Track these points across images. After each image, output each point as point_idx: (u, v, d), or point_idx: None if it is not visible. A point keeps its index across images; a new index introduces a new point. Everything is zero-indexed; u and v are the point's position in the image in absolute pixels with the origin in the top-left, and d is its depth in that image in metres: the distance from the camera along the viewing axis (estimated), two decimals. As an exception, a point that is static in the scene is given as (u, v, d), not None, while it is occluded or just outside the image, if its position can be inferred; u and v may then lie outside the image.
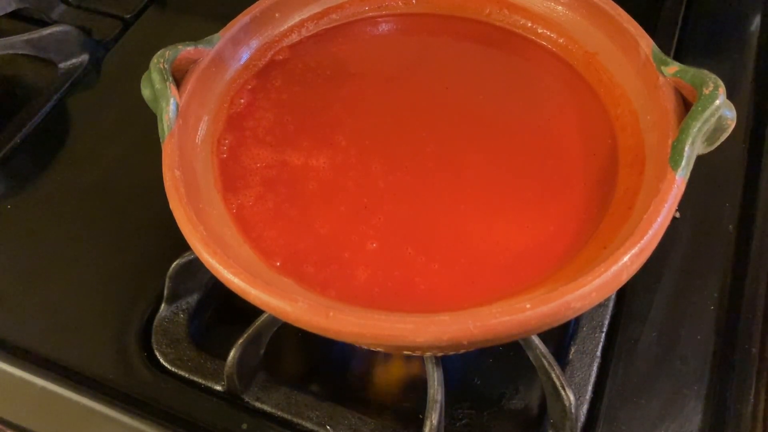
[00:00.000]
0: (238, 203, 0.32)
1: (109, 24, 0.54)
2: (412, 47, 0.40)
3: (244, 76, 0.37)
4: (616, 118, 0.34)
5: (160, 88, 0.32)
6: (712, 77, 0.29)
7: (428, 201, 0.32)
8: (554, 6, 0.38)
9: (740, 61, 0.47)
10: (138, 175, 0.44)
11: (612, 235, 0.29)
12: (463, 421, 0.34)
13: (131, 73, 0.38)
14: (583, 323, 0.36)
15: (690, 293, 0.37)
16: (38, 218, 0.43)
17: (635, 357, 0.35)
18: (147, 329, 0.37)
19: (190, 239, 0.28)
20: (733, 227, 0.39)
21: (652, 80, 0.32)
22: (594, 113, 0.35)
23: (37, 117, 0.47)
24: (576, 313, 0.26)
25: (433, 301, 0.29)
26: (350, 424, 0.33)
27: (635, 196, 0.30)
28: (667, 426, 0.33)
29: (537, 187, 0.33)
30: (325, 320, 0.25)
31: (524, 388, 0.35)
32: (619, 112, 0.34)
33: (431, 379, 0.31)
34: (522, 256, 0.30)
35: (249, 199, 0.33)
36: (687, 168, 0.28)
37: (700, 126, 0.28)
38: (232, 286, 0.27)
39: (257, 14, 0.37)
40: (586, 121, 0.35)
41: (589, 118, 0.35)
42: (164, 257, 0.36)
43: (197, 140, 0.34)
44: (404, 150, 0.34)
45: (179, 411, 0.34)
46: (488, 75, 0.38)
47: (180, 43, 0.33)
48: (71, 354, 0.36)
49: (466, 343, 0.25)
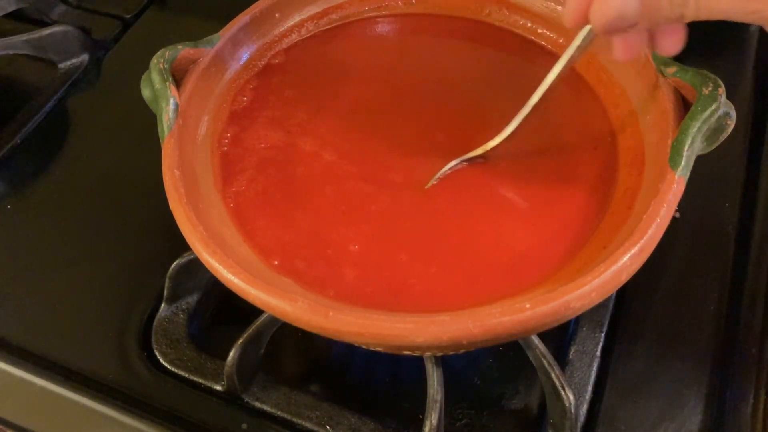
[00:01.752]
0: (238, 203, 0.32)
1: (109, 24, 0.54)
2: (412, 47, 0.40)
3: (244, 76, 0.37)
4: (616, 118, 0.34)
5: (160, 88, 0.32)
6: (712, 77, 0.29)
7: (428, 201, 0.32)
8: (554, 6, 0.38)
9: (740, 61, 0.47)
10: (138, 175, 0.43)
11: (612, 235, 0.29)
12: (463, 421, 0.34)
13: (131, 73, 0.38)
14: (583, 323, 0.36)
15: (690, 293, 0.37)
16: (38, 218, 0.43)
17: (635, 357, 0.35)
18: (147, 329, 0.37)
19: (190, 239, 0.28)
20: (733, 227, 0.39)
21: (652, 80, 0.32)
22: (594, 113, 0.35)
23: (37, 117, 0.47)
24: (576, 313, 0.26)
25: (433, 301, 0.29)
26: (350, 424, 0.33)
27: (635, 196, 0.30)
28: (667, 426, 0.33)
29: (537, 188, 0.33)
30: (325, 320, 0.25)
31: (524, 388, 0.35)
32: (619, 112, 0.34)
33: (431, 379, 0.31)
34: (522, 256, 0.30)
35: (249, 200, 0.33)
36: (687, 168, 0.28)
37: (699, 126, 0.28)
38: (232, 286, 0.27)
39: (257, 14, 0.37)
40: (586, 121, 0.35)
41: (589, 118, 0.35)
42: (164, 257, 0.36)
43: (197, 140, 0.34)
44: (403, 149, 0.34)
45: (179, 411, 0.34)
46: (488, 75, 0.38)
47: (180, 43, 0.34)
48: (71, 354, 0.36)
49: (465, 343, 0.25)
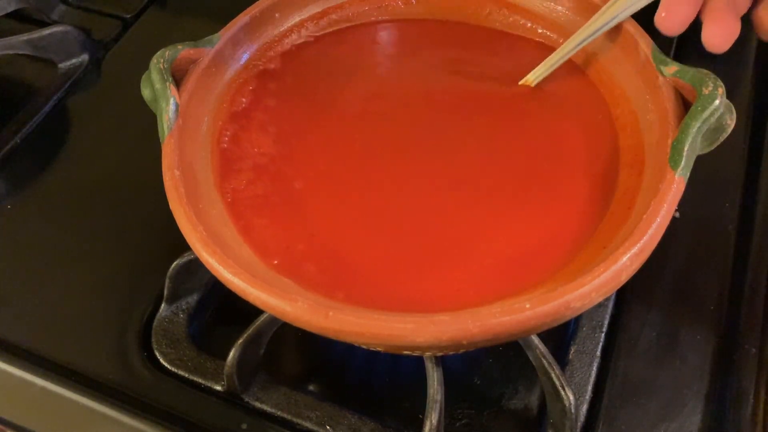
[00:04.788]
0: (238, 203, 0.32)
1: (109, 24, 0.54)
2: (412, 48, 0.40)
3: (244, 76, 0.37)
4: (615, 118, 0.34)
5: (160, 88, 0.32)
6: (712, 77, 0.29)
7: (427, 200, 0.32)
8: (554, 6, 0.38)
9: (740, 61, 0.47)
10: (138, 175, 0.43)
11: (612, 235, 0.29)
12: (462, 421, 0.34)
13: (131, 73, 0.38)
14: (583, 323, 0.36)
15: (690, 293, 0.37)
16: (38, 218, 0.43)
17: (635, 357, 0.35)
18: (147, 329, 0.37)
19: (190, 239, 0.28)
20: (733, 227, 0.39)
21: (652, 80, 0.32)
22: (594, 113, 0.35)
23: (37, 117, 0.47)
24: (576, 313, 0.26)
25: (433, 301, 0.29)
26: (350, 424, 0.33)
27: (635, 196, 0.30)
28: (667, 426, 0.33)
29: (537, 187, 0.33)
30: (325, 320, 0.25)
31: (524, 388, 0.35)
32: (618, 112, 0.34)
33: (431, 379, 0.31)
34: (522, 256, 0.30)
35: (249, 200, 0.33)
36: (687, 168, 0.28)
37: (699, 126, 0.28)
38: (231, 286, 0.27)
39: (257, 14, 0.37)
40: (586, 121, 0.35)
41: (588, 118, 0.35)
42: (164, 257, 0.36)
43: (197, 140, 0.34)
44: (403, 150, 0.34)
45: (179, 411, 0.34)
46: (487, 76, 0.38)
47: (180, 43, 0.34)
48: (71, 354, 0.36)
49: (465, 343, 0.25)
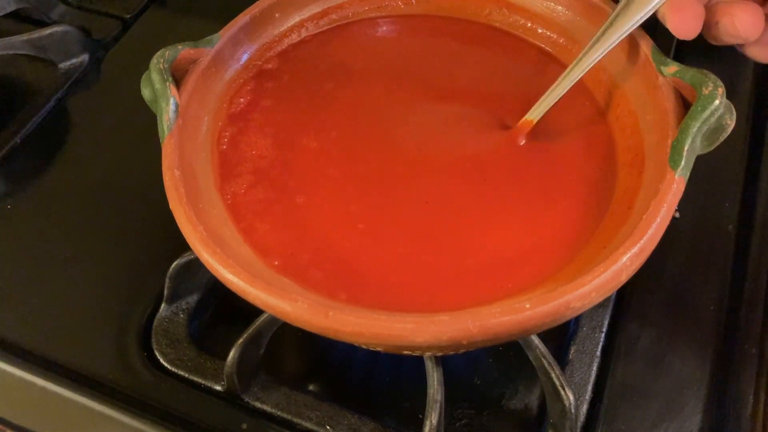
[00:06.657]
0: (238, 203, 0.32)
1: (109, 24, 0.54)
2: (412, 48, 0.40)
3: (244, 76, 0.37)
4: (615, 118, 0.34)
5: (160, 88, 0.32)
6: (712, 77, 0.29)
7: (427, 201, 0.32)
8: (554, 6, 0.38)
9: (740, 61, 0.47)
10: (138, 175, 0.43)
11: (611, 235, 0.29)
12: (462, 421, 0.34)
13: (131, 73, 0.38)
14: (583, 323, 0.36)
15: (690, 293, 0.37)
16: (38, 218, 0.43)
17: (635, 357, 0.35)
18: (147, 329, 0.37)
19: (190, 239, 0.28)
20: (733, 227, 0.39)
21: (652, 80, 0.32)
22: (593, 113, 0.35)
23: (37, 117, 0.47)
24: (575, 313, 0.26)
25: (433, 301, 0.29)
26: (350, 424, 0.33)
27: (635, 196, 0.30)
28: (666, 426, 0.33)
29: (537, 188, 0.33)
30: (325, 320, 0.25)
31: (524, 388, 0.35)
32: (618, 112, 0.34)
33: (431, 379, 0.31)
34: (522, 256, 0.30)
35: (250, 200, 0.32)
36: (687, 168, 0.28)
37: (699, 126, 0.28)
38: (231, 286, 0.27)
39: (257, 14, 0.37)
40: (586, 121, 0.35)
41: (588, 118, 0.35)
42: (164, 257, 0.36)
43: (197, 140, 0.34)
44: (403, 150, 0.34)
45: (179, 411, 0.34)
46: (487, 76, 0.38)
47: (180, 43, 0.34)
48: (71, 354, 0.36)
49: (465, 343, 0.25)
